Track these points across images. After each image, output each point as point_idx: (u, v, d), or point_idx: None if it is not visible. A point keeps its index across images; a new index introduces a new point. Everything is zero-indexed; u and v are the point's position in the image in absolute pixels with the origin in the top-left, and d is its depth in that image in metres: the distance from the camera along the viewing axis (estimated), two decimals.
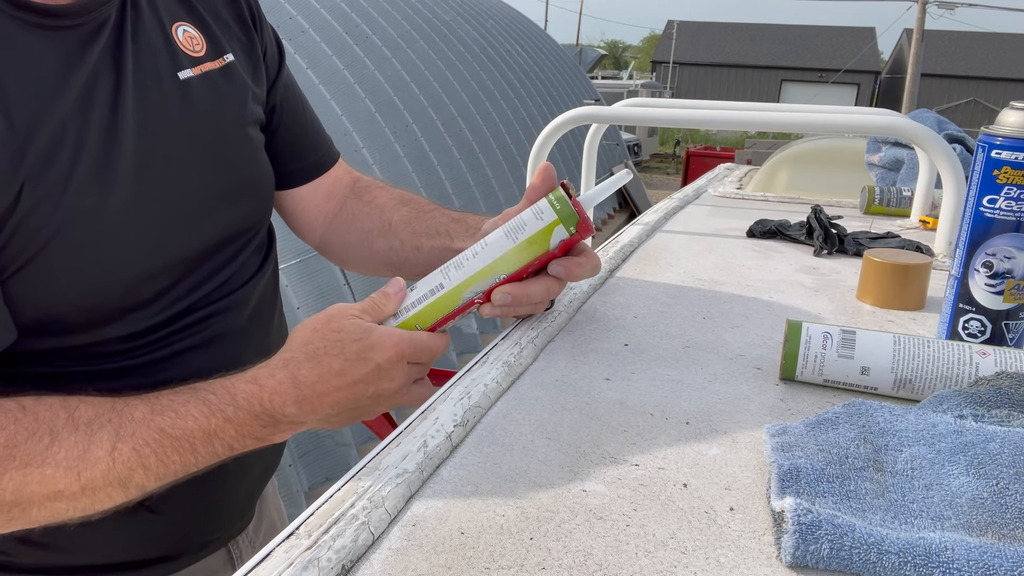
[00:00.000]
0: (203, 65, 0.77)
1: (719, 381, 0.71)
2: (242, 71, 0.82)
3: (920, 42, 20.64)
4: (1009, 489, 0.49)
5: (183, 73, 0.75)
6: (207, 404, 0.65)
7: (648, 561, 0.46)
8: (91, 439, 0.62)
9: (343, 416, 0.69)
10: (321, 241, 1.00)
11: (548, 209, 0.71)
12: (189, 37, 0.77)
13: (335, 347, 0.66)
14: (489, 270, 0.71)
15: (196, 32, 0.78)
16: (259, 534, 0.97)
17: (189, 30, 0.77)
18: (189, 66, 0.76)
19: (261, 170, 0.85)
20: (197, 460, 0.66)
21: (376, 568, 0.45)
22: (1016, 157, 0.71)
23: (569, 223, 0.71)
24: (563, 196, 0.71)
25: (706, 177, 2.21)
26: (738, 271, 1.11)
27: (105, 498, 0.63)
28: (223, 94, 0.79)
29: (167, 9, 0.77)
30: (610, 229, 8.80)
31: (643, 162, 16.25)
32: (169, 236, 0.73)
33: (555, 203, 0.71)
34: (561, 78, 10.19)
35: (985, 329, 0.76)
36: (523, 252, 0.72)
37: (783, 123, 1.48)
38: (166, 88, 0.73)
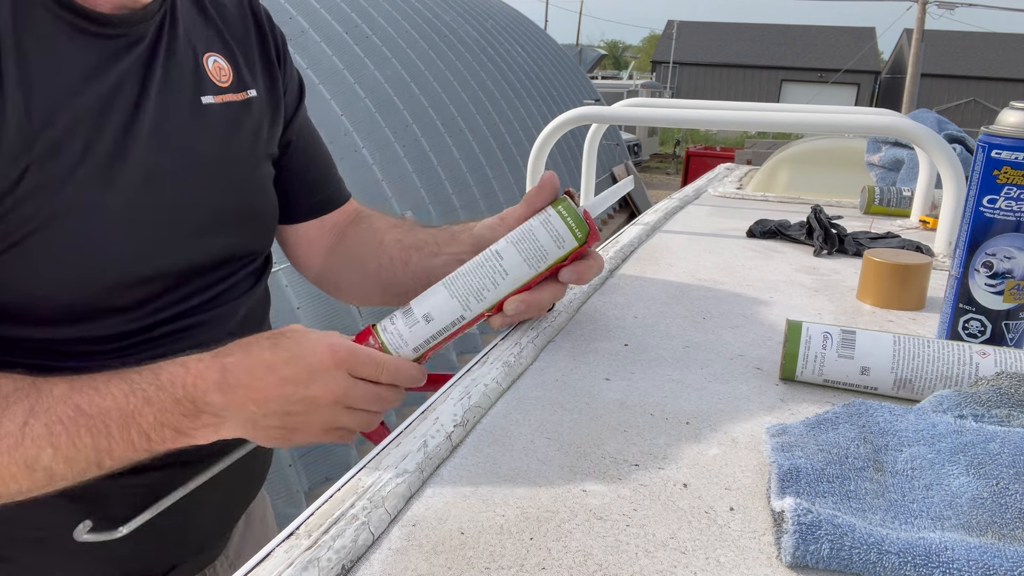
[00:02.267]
0: (226, 95, 0.79)
1: (719, 381, 0.71)
2: (262, 107, 0.84)
3: (920, 42, 20.64)
4: (1009, 489, 0.49)
5: (206, 98, 0.77)
6: (129, 383, 0.63)
7: (648, 561, 0.46)
8: (4, 412, 0.60)
9: (271, 422, 0.65)
10: (318, 274, 0.99)
11: (567, 234, 0.70)
12: (218, 68, 0.80)
13: (268, 343, 0.65)
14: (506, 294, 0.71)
15: (225, 64, 0.81)
16: (241, 557, 0.93)
17: (219, 61, 0.80)
18: (212, 93, 0.78)
19: (267, 201, 0.86)
20: (111, 446, 0.62)
21: (376, 568, 0.45)
22: (1016, 157, 0.71)
23: (580, 234, 0.70)
24: (574, 209, 0.70)
25: (706, 177, 2.21)
26: (738, 271, 1.11)
27: (9, 479, 0.60)
28: (240, 124, 0.81)
29: (203, 38, 0.80)
30: (610, 229, 8.80)
31: (643, 162, 16.24)
32: (161, 247, 0.73)
33: (568, 220, 0.69)
34: (561, 78, 10.19)
35: (985, 329, 0.76)
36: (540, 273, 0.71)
37: (783, 123, 1.48)
38: (186, 108, 0.75)
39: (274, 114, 0.87)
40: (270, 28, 0.88)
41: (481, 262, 0.70)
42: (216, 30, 0.81)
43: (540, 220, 0.70)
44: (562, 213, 0.70)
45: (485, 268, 0.69)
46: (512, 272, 0.69)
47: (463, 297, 0.69)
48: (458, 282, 0.69)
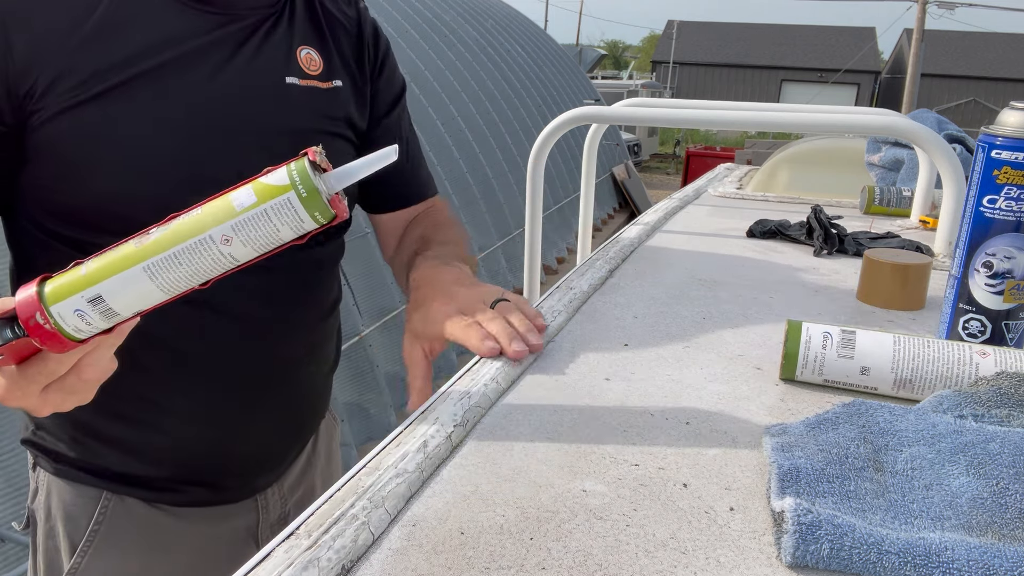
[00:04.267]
0: (312, 81, 0.88)
1: (719, 381, 0.71)
2: (346, 97, 0.92)
3: (920, 42, 20.64)
4: (1009, 489, 0.49)
5: (290, 79, 0.86)
6: None
7: (648, 561, 0.46)
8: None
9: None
10: (389, 259, 1.09)
11: (309, 221, 0.53)
12: (309, 58, 0.89)
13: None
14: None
15: (317, 56, 0.90)
16: (294, 493, 1.02)
17: (311, 53, 0.89)
18: (298, 77, 0.87)
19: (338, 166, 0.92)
20: None
21: (376, 568, 0.45)
22: (1016, 157, 0.71)
23: (324, 219, 0.54)
24: (318, 195, 0.53)
25: (706, 177, 2.21)
26: (738, 271, 1.11)
27: None
28: (320, 105, 0.89)
29: (301, 31, 0.89)
30: (610, 229, 8.81)
31: (643, 162, 16.24)
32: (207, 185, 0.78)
33: (312, 206, 0.53)
34: (561, 78, 10.19)
35: (985, 329, 0.76)
36: (275, 249, 0.55)
37: (783, 123, 1.48)
38: (268, 83, 0.84)
39: (359, 108, 0.95)
40: (372, 37, 0.99)
41: (197, 249, 0.53)
42: (317, 27, 0.91)
43: (276, 205, 0.53)
44: (302, 196, 0.52)
45: (204, 257, 0.54)
46: (240, 259, 0.54)
47: (171, 286, 0.55)
48: (167, 273, 0.54)
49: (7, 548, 2.05)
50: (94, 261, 0.53)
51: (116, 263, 0.53)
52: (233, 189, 0.53)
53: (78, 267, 0.54)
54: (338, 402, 3.18)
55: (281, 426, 0.96)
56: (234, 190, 0.53)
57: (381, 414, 3.46)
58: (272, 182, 0.52)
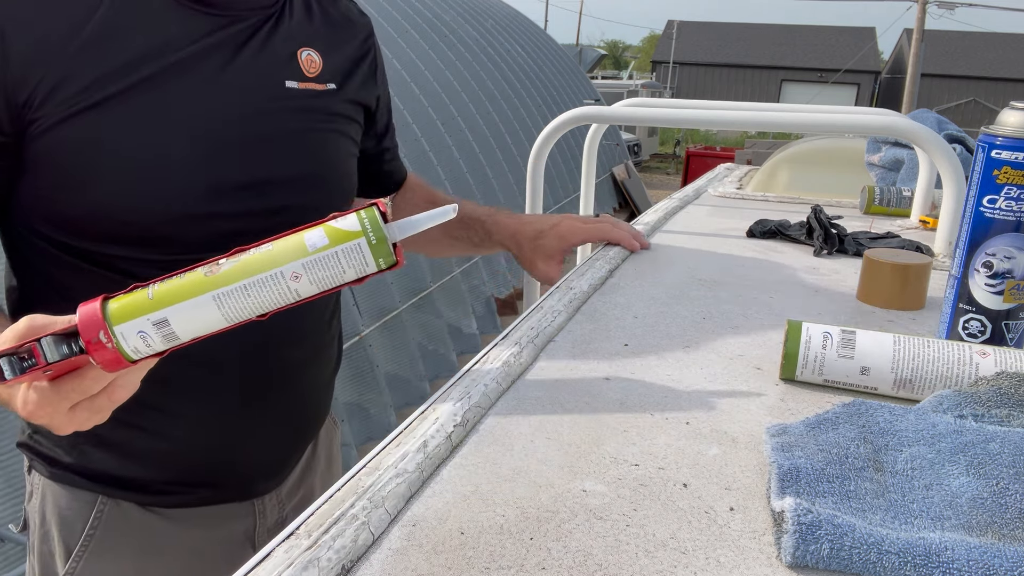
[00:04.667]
0: (310, 83, 0.89)
1: (719, 381, 0.71)
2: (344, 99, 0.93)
3: (920, 42, 20.64)
4: (1009, 489, 0.49)
5: (290, 83, 0.86)
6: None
7: (648, 561, 0.46)
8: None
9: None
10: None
11: (372, 265, 0.57)
12: (310, 60, 0.89)
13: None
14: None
15: (318, 57, 0.90)
16: (293, 497, 1.02)
17: (312, 54, 0.90)
18: (298, 80, 0.87)
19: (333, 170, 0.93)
20: None
21: (376, 568, 0.45)
22: (1016, 157, 0.71)
23: (385, 264, 0.57)
24: (385, 241, 0.56)
25: (706, 177, 2.21)
26: (738, 271, 1.11)
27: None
28: (318, 107, 0.90)
29: (302, 32, 0.90)
30: None
31: (643, 162, 16.23)
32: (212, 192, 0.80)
33: (378, 251, 0.56)
34: (561, 78, 10.19)
35: (985, 329, 0.76)
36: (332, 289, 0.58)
37: (783, 123, 1.48)
38: (267, 86, 0.84)
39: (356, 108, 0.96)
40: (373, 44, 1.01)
41: (268, 283, 0.56)
42: (317, 28, 0.92)
43: (347, 249, 0.56)
44: (372, 243, 0.56)
45: (272, 291, 0.56)
46: (303, 295, 0.58)
47: (236, 315, 0.57)
48: (235, 302, 0.56)
49: (7, 548, 2.05)
50: (161, 285, 0.55)
51: (186, 289, 0.55)
52: (304, 229, 0.56)
53: (142, 290, 0.56)
54: (338, 402, 3.18)
55: (283, 429, 0.96)
56: (306, 230, 0.56)
57: (381, 414, 3.46)
58: (344, 227, 0.56)
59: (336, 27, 0.95)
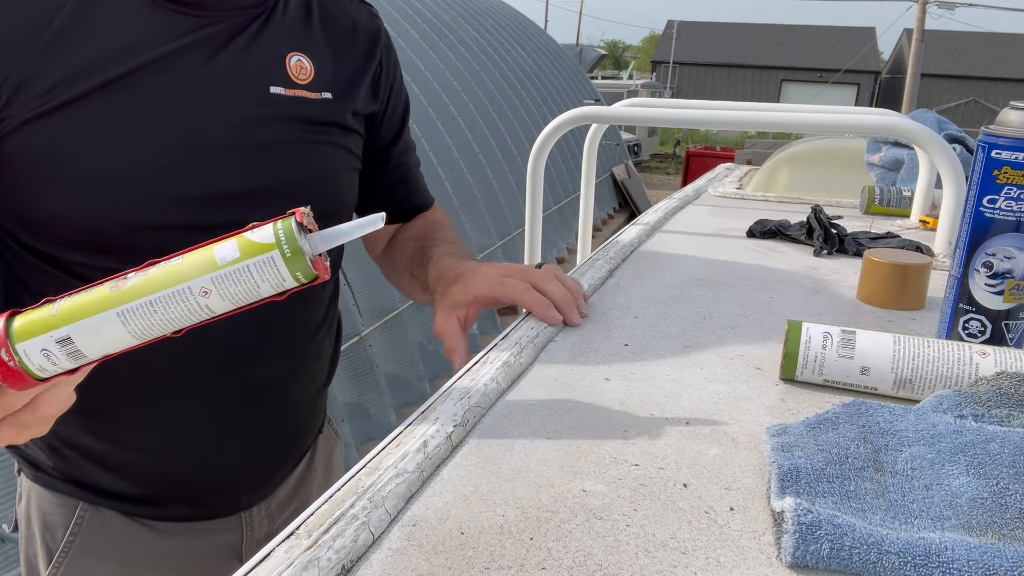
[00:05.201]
0: (300, 91, 0.83)
1: (719, 381, 0.71)
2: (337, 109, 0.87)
3: (920, 42, 20.64)
4: (1009, 489, 0.49)
5: (275, 88, 0.81)
6: None
7: (648, 561, 0.46)
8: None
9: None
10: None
11: (289, 280, 0.53)
12: (300, 66, 0.83)
13: None
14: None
15: (309, 64, 0.84)
16: (285, 510, 0.99)
17: (302, 60, 0.84)
18: (284, 86, 0.81)
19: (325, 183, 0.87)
20: None
21: (376, 568, 0.45)
22: (1016, 157, 0.71)
23: (305, 279, 0.53)
24: (301, 255, 0.52)
25: (706, 177, 2.21)
26: (738, 271, 1.11)
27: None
28: (307, 116, 0.84)
29: (294, 36, 0.84)
30: (610, 229, 8.80)
31: (643, 162, 16.23)
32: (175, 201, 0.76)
33: (294, 266, 0.52)
34: (561, 78, 10.19)
35: (985, 329, 0.76)
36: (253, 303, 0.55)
37: (783, 123, 1.48)
38: (247, 91, 0.79)
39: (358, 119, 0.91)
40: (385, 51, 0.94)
41: (175, 299, 0.53)
42: (314, 34, 0.86)
43: (259, 263, 0.53)
44: (286, 256, 0.52)
45: (180, 307, 0.53)
46: (216, 311, 0.54)
47: (143, 332, 0.54)
48: (141, 319, 0.53)
49: (7, 548, 2.05)
50: (66, 301, 0.52)
51: (89, 305, 0.52)
52: (216, 241, 0.52)
53: (49, 305, 0.53)
54: (338, 402, 3.18)
55: (265, 446, 0.93)
56: (217, 242, 0.52)
57: (381, 414, 3.46)
58: (257, 239, 0.52)
59: (339, 33, 0.89)
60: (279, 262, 0.52)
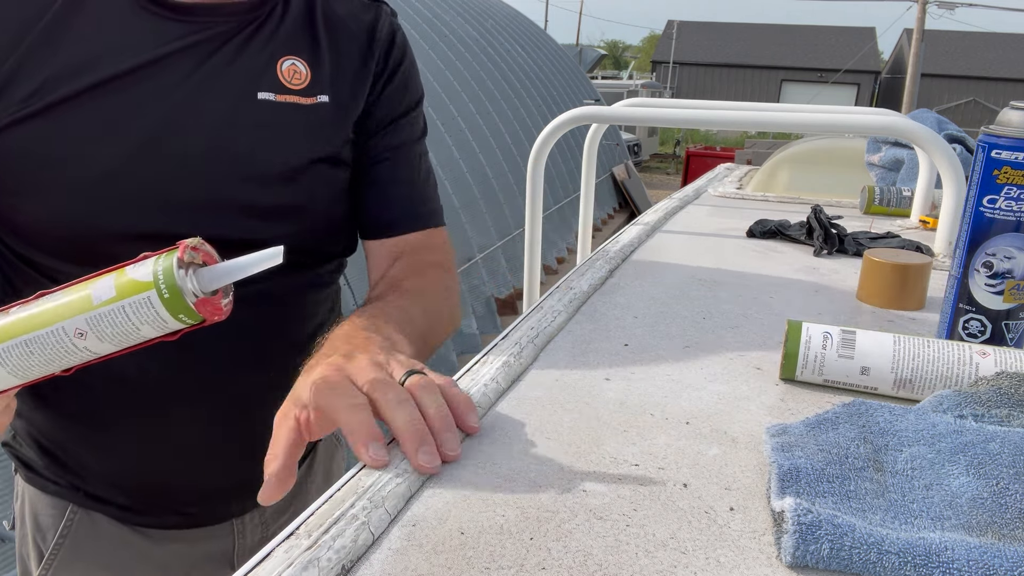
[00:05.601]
0: (292, 96, 0.80)
1: (719, 381, 0.71)
2: (332, 114, 0.83)
3: (920, 42, 20.64)
4: (1009, 489, 0.49)
5: (263, 94, 0.78)
6: None
7: (648, 561, 0.46)
8: None
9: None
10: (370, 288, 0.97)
11: (172, 322, 0.49)
12: (293, 70, 0.80)
13: None
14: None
15: (304, 68, 0.81)
16: (280, 517, 0.97)
17: (296, 64, 0.81)
18: (275, 92, 0.79)
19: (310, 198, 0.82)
20: None
21: (376, 568, 0.45)
22: (1016, 157, 0.71)
23: (191, 321, 0.49)
24: (180, 296, 0.48)
25: (706, 177, 2.21)
26: (738, 271, 1.11)
27: None
28: (298, 124, 0.80)
29: (288, 39, 0.81)
30: (610, 229, 8.80)
31: (643, 162, 16.23)
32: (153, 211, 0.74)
33: (174, 308, 0.48)
34: (561, 78, 10.19)
35: (985, 329, 0.76)
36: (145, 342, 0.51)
37: (783, 123, 1.48)
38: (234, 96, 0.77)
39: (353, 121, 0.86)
40: (385, 45, 0.88)
41: (50, 340, 0.49)
42: (312, 34, 0.83)
43: (135, 303, 0.49)
44: (164, 297, 0.48)
45: (57, 348, 0.50)
46: (98, 352, 0.51)
47: (25, 373, 0.51)
48: (19, 360, 0.50)
49: (7, 548, 2.05)
50: None
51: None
52: (97, 276, 0.49)
53: None
54: None
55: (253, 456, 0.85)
56: (98, 278, 0.49)
57: None
58: (135, 276, 0.48)
59: (344, 33, 0.86)
60: (156, 303, 0.48)
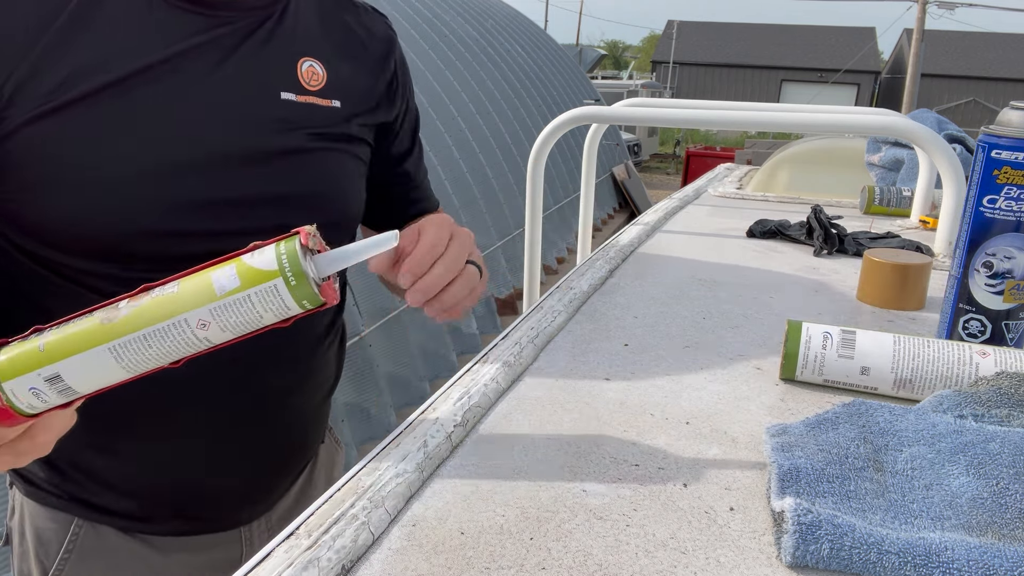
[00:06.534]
0: (311, 97, 0.81)
1: (719, 381, 0.71)
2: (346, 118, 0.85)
3: (920, 42, 20.63)
4: (1009, 489, 0.49)
5: (286, 94, 0.79)
6: None
7: (648, 561, 0.46)
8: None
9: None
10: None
11: (294, 307, 0.50)
12: (312, 71, 0.82)
13: None
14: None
15: (321, 70, 0.83)
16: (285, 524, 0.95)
17: (315, 66, 0.82)
18: (295, 92, 0.80)
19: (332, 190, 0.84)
20: None
21: (376, 568, 0.45)
22: (1016, 157, 0.71)
23: (311, 305, 0.50)
24: (306, 281, 0.49)
25: (706, 177, 2.21)
26: (738, 271, 1.11)
27: None
28: (318, 123, 0.82)
29: (307, 41, 0.82)
30: (610, 229, 8.80)
31: (643, 162, 16.23)
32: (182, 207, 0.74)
33: (299, 293, 0.49)
34: (561, 78, 10.19)
35: (985, 329, 0.76)
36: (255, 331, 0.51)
37: (783, 123, 1.48)
38: (258, 95, 0.77)
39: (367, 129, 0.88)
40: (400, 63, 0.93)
41: (170, 332, 0.50)
42: (327, 40, 0.85)
43: (261, 292, 0.49)
44: (290, 284, 0.49)
45: (176, 340, 0.50)
46: (216, 342, 0.51)
47: (138, 367, 0.51)
48: (134, 354, 0.50)
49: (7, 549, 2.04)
50: (53, 334, 0.49)
51: (79, 340, 0.48)
52: (214, 266, 0.49)
53: (36, 337, 0.49)
54: (338, 402, 3.18)
55: (266, 459, 0.89)
56: (216, 268, 0.49)
57: (381, 414, 3.46)
58: (258, 265, 0.48)
59: (352, 41, 0.87)
60: (283, 290, 0.48)
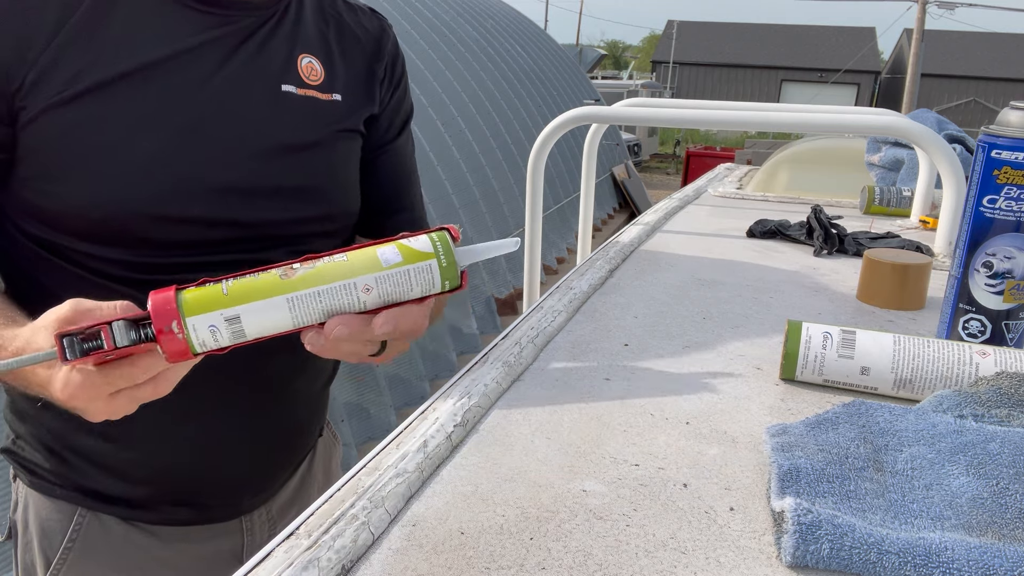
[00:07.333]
0: (311, 91, 0.85)
1: (719, 381, 0.71)
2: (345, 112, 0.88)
3: (920, 42, 20.63)
4: (1009, 489, 0.49)
5: (286, 87, 0.83)
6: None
7: (648, 561, 0.46)
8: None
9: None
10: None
11: (438, 285, 0.60)
12: (310, 67, 0.85)
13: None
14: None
15: (319, 66, 0.86)
16: (286, 515, 0.98)
17: (313, 62, 0.86)
18: (296, 85, 0.83)
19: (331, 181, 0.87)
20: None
21: (376, 568, 0.45)
22: (1016, 157, 0.71)
23: (450, 286, 0.60)
24: (455, 264, 0.59)
25: (706, 177, 2.21)
26: (738, 271, 1.11)
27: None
28: (319, 116, 0.85)
29: (305, 38, 0.86)
30: (610, 229, 8.80)
31: (643, 162, 16.23)
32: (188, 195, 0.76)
33: (446, 273, 0.59)
34: (561, 78, 10.19)
35: (985, 329, 0.76)
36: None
37: (783, 123, 1.48)
38: (261, 87, 0.81)
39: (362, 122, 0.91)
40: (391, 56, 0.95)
41: (340, 292, 0.58)
42: (324, 37, 0.88)
43: (419, 268, 0.59)
44: (442, 265, 0.59)
45: (342, 300, 0.58)
46: (368, 307, 0.59)
47: (303, 319, 0.58)
48: (305, 307, 0.58)
49: (7, 548, 2.04)
50: (236, 282, 0.56)
51: (261, 289, 0.56)
52: (374, 244, 0.58)
53: (214, 285, 0.56)
54: (338, 402, 3.18)
55: (268, 446, 0.91)
56: (377, 246, 0.58)
57: (381, 414, 3.46)
58: (417, 247, 0.59)
59: (351, 40, 0.91)
60: (435, 269, 0.59)
